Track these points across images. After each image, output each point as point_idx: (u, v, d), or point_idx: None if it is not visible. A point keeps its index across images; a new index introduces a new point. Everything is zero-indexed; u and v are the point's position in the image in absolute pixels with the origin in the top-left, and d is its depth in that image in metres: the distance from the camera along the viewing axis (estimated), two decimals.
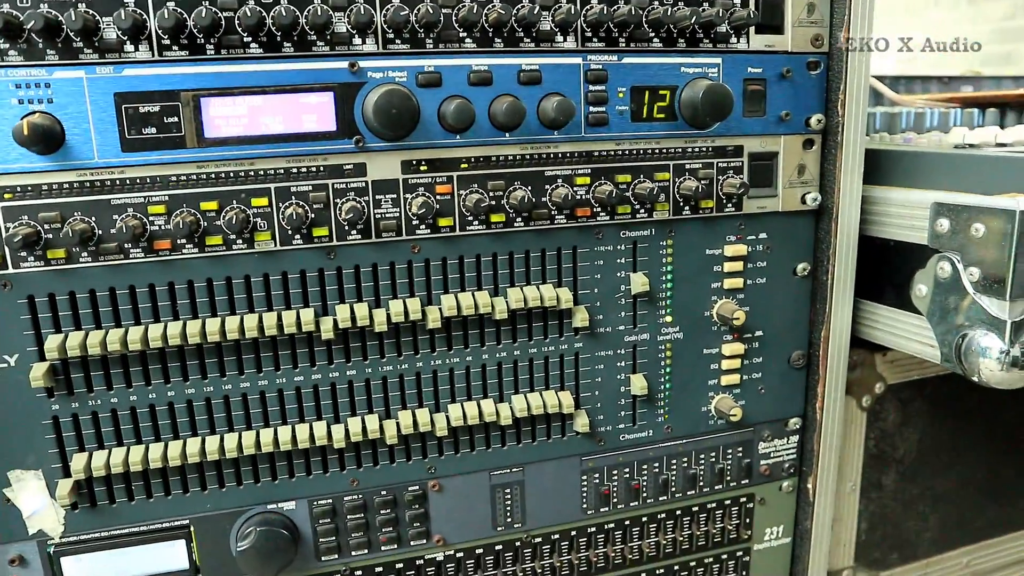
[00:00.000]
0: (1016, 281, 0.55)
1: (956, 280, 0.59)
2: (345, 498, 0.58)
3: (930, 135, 0.81)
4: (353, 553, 0.60)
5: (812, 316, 0.67)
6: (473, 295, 0.56)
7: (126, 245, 0.51)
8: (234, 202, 0.52)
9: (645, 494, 0.66)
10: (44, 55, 0.47)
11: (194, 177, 0.51)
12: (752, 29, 0.59)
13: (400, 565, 0.61)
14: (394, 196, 0.54)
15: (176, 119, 0.50)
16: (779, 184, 0.63)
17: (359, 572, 0.60)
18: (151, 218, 0.51)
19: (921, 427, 0.77)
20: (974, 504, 0.82)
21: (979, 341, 0.58)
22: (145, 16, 0.48)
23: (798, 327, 0.66)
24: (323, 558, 0.59)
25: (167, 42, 0.49)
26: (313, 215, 0.53)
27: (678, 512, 0.67)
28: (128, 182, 0.50)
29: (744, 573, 0.72)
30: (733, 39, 0.59)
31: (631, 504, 0.65)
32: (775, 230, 0.63)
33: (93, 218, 0.50)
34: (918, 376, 0.75)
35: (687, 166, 0.60)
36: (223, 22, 0.49)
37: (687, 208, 0.60)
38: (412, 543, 0.61)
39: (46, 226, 0.49)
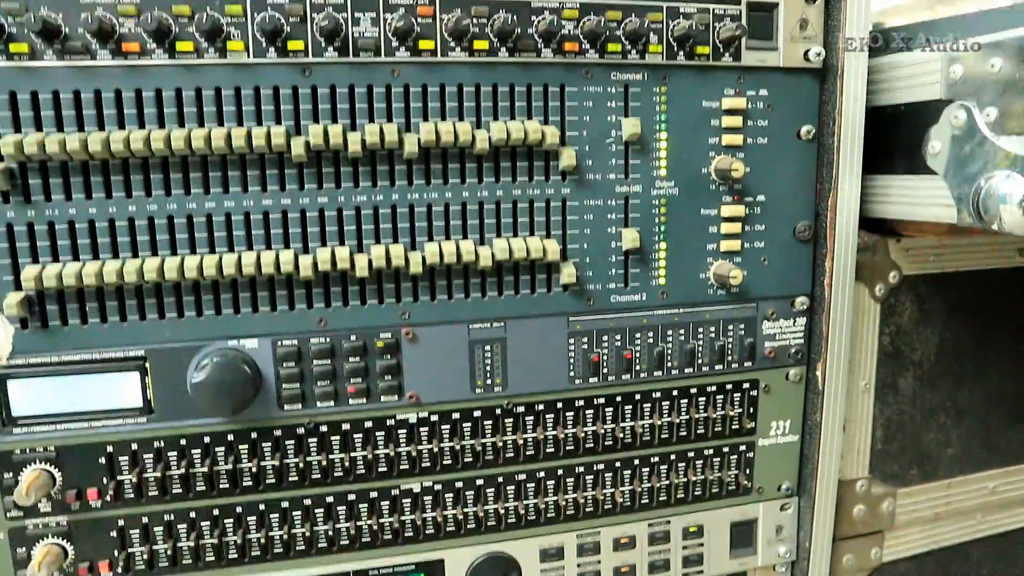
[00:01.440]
0: None
1: (972, 127, 0.55)
2: (311, 340, 0.55)
3: None
4: (319, 404, 0.56)
5: (818, 185, 0.63)
6: (453, 124, 0.54)
7: (93, 44, 0.49)
8: (207, 8, 0.50)
9: (638, 367, 0.61)
10: None
11: None
12: None
13: (369, 424, 0.57)
14: (374, 14, 0.52)
15: None
16: (779, 37, 0.59)
17: (324, 427, 0.56)
18: (121, 19, 0.49)
19: (941, 328, 0.71)
20: (1003, 422, 0.76)
21: (999, 187, 0.53)
22: None
23: (803, 196, 0.62)
24: (285, 407, 0.55)
25: None
26: (289, 28, 0.51)
27: (675, 392, 0.62)
28: None
29: (748, 470, 0.66)
30: None
31: (623, 377, 0.61)
32: (776, 86, 0.60)
33: (60, 13, 0.48)
34: (936, 270, 0.70)
35: (681, 9, 0.57)
36: None
37: (681, 53, 0.57)
38: (383, 398, 0.57)
39: (9, 18, 0.48)
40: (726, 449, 0.65)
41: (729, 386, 0.64)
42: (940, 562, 0.78)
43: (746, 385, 0.64)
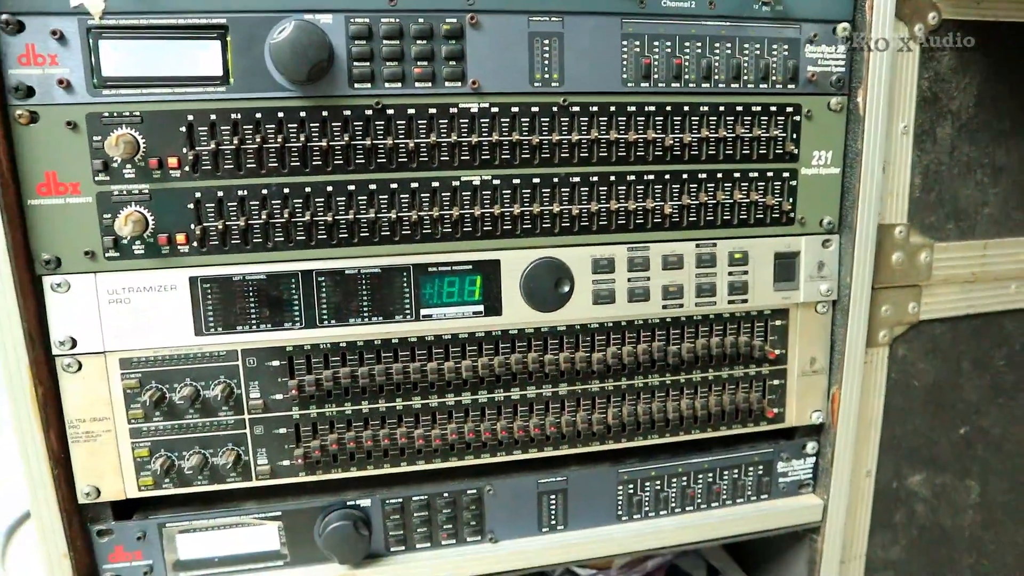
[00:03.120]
0: None
1: None
2: (382, 19, 0.57)
3: None
4: (386, 85, 0.58)
5: None
6: None
7: None
8: None
9: (687, 76, 0.63)
10: None
11: None
12: None
13: (432, 111, 0.60)
14: None
15: None
16: None
17: (390, 110, 0.59)
18: None
19: (980, 80, 0.73)
20: None
21: None
22: None
23: None
24: (355, 85, 0.58)
25: None
26: None
27: (721, 108, 0.65)
28: None
29: (791, 199, 0.68)
30: None
31: (672, 85, 0.63)
32: None
33: None
34: (977, 17, 0.72)
35: None
36: None
37: None
38: (447, 84, 0.59)
39: None
40: (770, 173, 0.68)
41: (773, 108, 0.66)
42: (975, 329, 0.79)
43: (789, 109, 0.67)
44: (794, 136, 0.67)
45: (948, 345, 0.79)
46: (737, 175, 0.67)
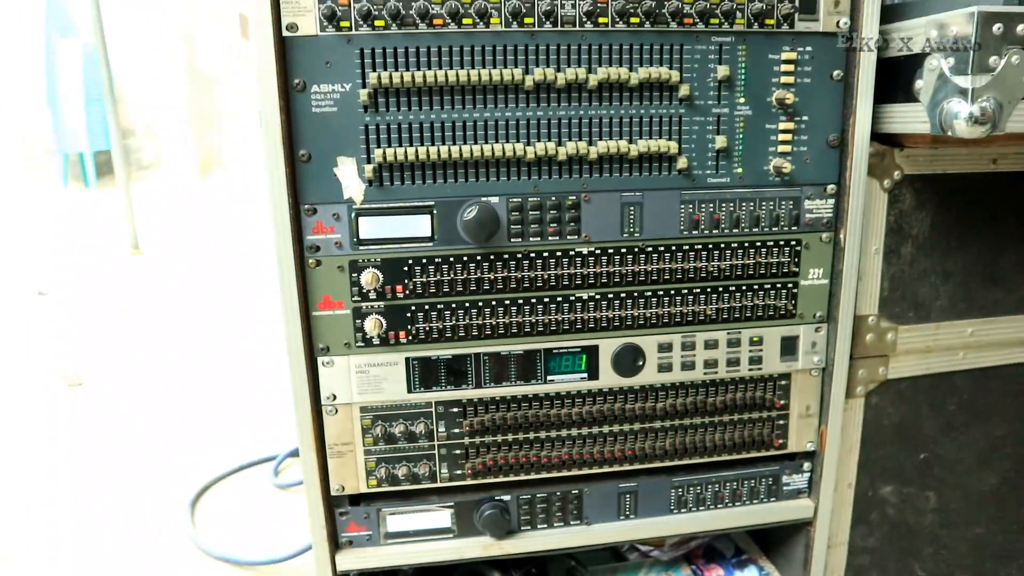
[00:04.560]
0: (975, 63, 0.84)
1: (939, 70, 0.88)
2: (528, 199, 0.92)
3: None
4: (530, 239, 0.93)
5: (844, 110, 0.96)
6: (617, 69, 0.89)
7: (417, 20, 0.86)
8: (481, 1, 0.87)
9: (724, 224, 0.96)
10: None
11: None
12: None
13: (559, 253, 0.94)
14: (572, 1, 0.88)
15: None
16: (820, 12, 0.93)
17: (532, 253, 0.93)
18: (432, 4, 0.86)
19: (932, 213, 1.04)
20: (978, 285, 1.08)
21: (953, 108, 0.86)
22: None
23: (834, 117, 0.96)
24: (511, 240, 0.92)
25: None
26: (524, 9, 0.87)
27: (746, 244, 0.97)
28: None
29: (793, 302, 1.01)
30: None
31: (713, 232, 0.96)
32: (818, 44, 0.94)
33: (400, 2, 0.85)
34: (930, 172, 1.02)
35: None
36: None
37: (756, 23, 0.91)
38: (568, 237, 0.93)
39: (375, 7, 0.85)
40: (779, 285, 1.00)
41: (782, 242, 0.98)
42: (931, 383, 1.11)
43: (793, 242, 0.99)
44: (796, 260, 0.99)
45: (911, 395, 1.10)
46: (756, 287, 0.99)
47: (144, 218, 4.37)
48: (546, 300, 0.95)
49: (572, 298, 0.96)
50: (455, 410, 0.98)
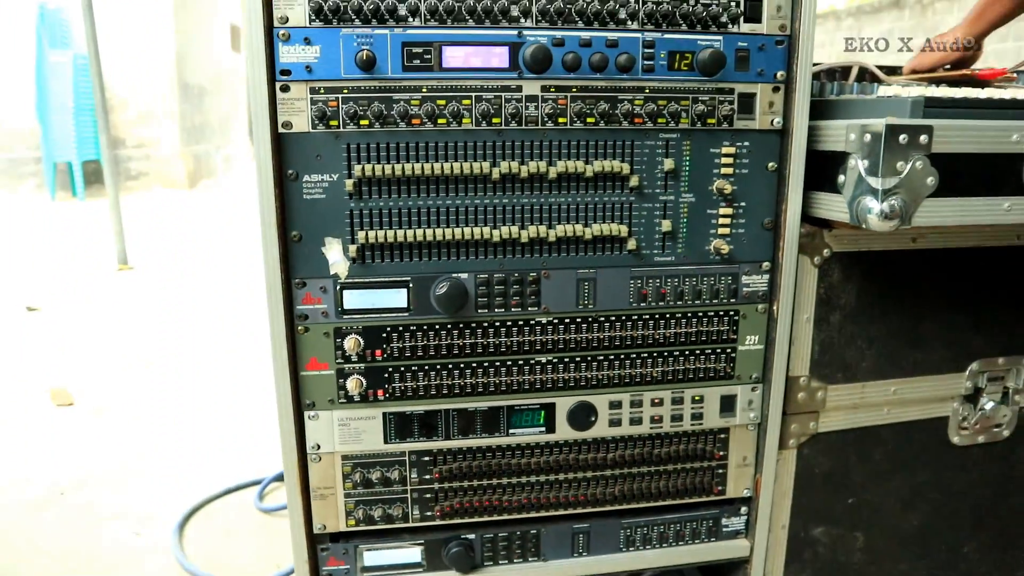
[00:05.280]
0: (884, 167, 0.96)
1: (857, 170, 1.00)
2: (495, 274, 1.03)
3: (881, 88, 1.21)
4: (496, 309, 1.04)
5: (778, 197, 1.08)
6: (575, 162, 1.01)
7: (398, 120, 0.97)
8: (453, 101, 0.98)
9: (669, 298, 1.08)
10: (370, 22, 0.95)
11: (435, 87, 0.97)
12: (742, 20, 1.03)
13: (520, 322, 1.05)
14: (535, 104, 0.99)
15: (430, 56, 0.96)
16: (757, 113, 1.05)
17: (497, 322, 1.05)
18: (412, 106, 0.97)
19: (858, 285, 1.16)
20: (900, 348, 1.20)
21: (867, 204, 0.98)
22: (419, 3, 0.95)
23: (769, 202, 1.08)
24: (479, 310, 1.04)
25: (428, 17, 0.96)
26: (493, 111, 0.98)
27: (689, 314, 1.09)
28: (403, 87, 0.97)
29: (732, 365, 1.13)
30: (730, 25, 1.02)
31: (659, 303, 1.08)
32: (754, 140, 1.06)
33: (383, 105, 0.97)
34: (855, 249, 1.14)
35: (699, 98, 1.03)
36: (455, 8, 0.96)
37: (699, 123, 1.03)
38: (529, 308, 1.05)
39: (361, 108, 0.96)
40: (719, 350, 1.12)
41: (721, 312, 1.10)
42: (859, 435, 1.23)
43: (731, 312, 1.11)
44: (734, 329, 1.11)
45: (839, 446, 1.22)
46: (698, 351, 1.11)
47: (133, 231, 4.45)
48: (509, 363, 1.07)
49: (532, 361, 1.07)
50: (426, 459, 1.09)
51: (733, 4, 1.02)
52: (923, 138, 0.98)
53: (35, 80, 5.58)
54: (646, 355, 1.10)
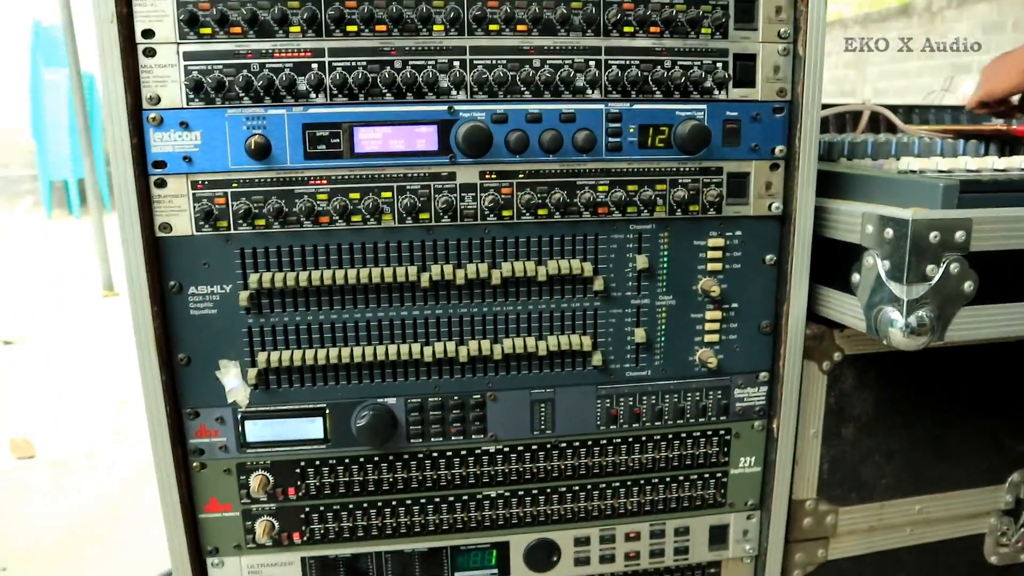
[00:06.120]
0: (910, 271, 0.76)
1: (876, 270, 0.80)
2: (429, 399, 0.85)
3: (890, 160, 1.01)
4: (432, 439, 0.86)
5: (778, 295, 0.89)
6: (524, 263, 0.82)
7: (302, 219, 0.79)
8: (370, 194, 0.79)
9: (644, 418, 0.89)
10: (263, 100, 0.77)
11: (346, 177, 0.79)
12: (731, 85, 0.83)
13: (464, 452, 0.87)
14: (473, 194, 0.81)
15: (338, 140, 0.78)
16: (751, 196, 0.86)
17: (435, 453, 0.87)
18: (318, 202, 0.79)
19: (875, 392, 0.96)
20: (925, 462, 1.01)
21: (888, 315, 0.79)
22: (323, 76, 0.77)
23: (767, 302, 0.89)
24: (411, 440, 0.86)
25: (335, 92, 0.77)
26: (420, 204, 0.80)
27: (670, 436, 0.90)
28: (306, 179, 0.79)
29: (723, 491, 0.94)
30: (716, 91, 0.83)
31: (634, 425, 0.89)
32: (747, 229, 0.86)
33: (283, 201, 0.79)
34: (872, 351, 0.95)
35: (679, 180, 0.84)
36: (370, 80, 0.77)
37: (679, 210, 0.84)
38: (473, 436, 0.87)
39: (256, 206, 0.78)
40: (707, 475, 0.93)
41: (709, 432, 0.91)
42: (874, 561, 1.04)
43: (722, 432, 0.92)
44: (725, 450, 0.92)
45: (853, 575, 1.03)
46: (682, 478, 0.92)
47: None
48: (451, 499, 0.89)
49: (479, 496, 0.89)
50: None
51: (719, 66, 0.83)
52: (959, 235, 0.78)
53: (30, 97, 5.46)
54: (618, 484, 0.91)
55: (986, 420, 1.03)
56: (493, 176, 0.81)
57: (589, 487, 0.91)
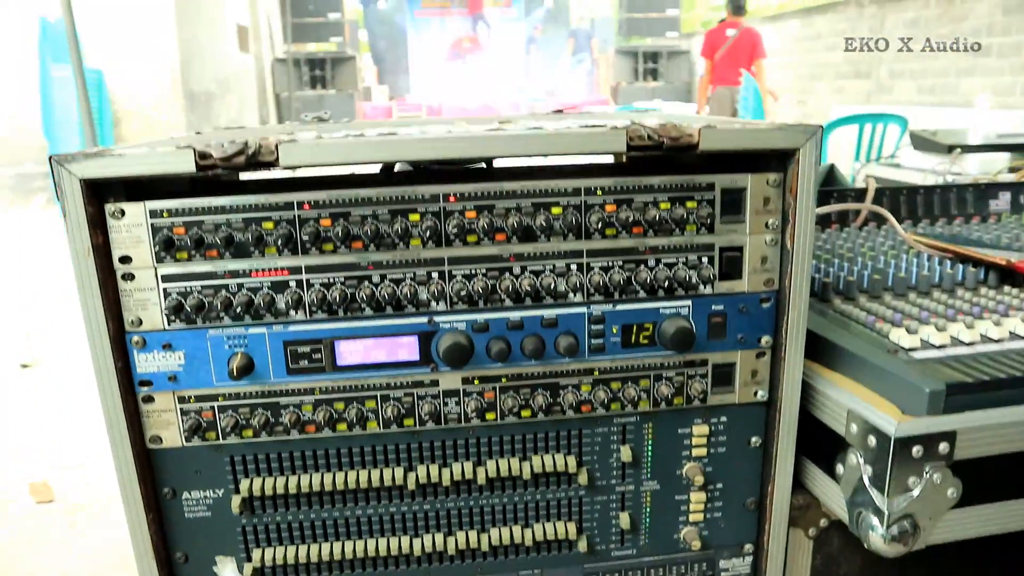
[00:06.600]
0: (891, 486, 0.76)
1: (859, 472, 0.80)
2: None
3: (881, 316, 0.99)
4: None
5: (763, 474, 0.89)
6: (508, 460, 0.83)
7: (289, 428, 0.80)
8: (354, 403, 0.80)
9: None
10: (243, 319, 0.77)
11: (330, 388, 0.80)
12: (716, 279, 0.82)
13: None
14: (456, 399, 0.81)
15: (319, 355, 0.79)
16: (736, 385, 0.85)
17: None
18: (304, 413, 0.80)
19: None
20: None
21: (870, 520, 0.79)
22: (301, 293, 0.77)
23: (752, 482, 0.89)
24: None
25: (315, 309, 0.78)
26: (404, 411, 0.81)
27: None
28: (290, 391, 0.80)
29: None
30: (701, 287, 0.82)
31: None
32: (733, 415, 0.86)
33: (269, 412, 0.80)
34: None
35: (663, 375, 0.84)
36: (348, 296, 0.77)
37: (663, 404, 0.84)
38: None
39: (242, 418, 0.80)
40: None
41: None
42: None
43: None
44: None
45: None
46: None
47: None
48: None
49: None
50: None
51: (705, 261, 0.81)
52: (943, 447, 0.78)
53: (40, 94, 5.47)
54: None
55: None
56: (476, 381, 0.81)
57: None
